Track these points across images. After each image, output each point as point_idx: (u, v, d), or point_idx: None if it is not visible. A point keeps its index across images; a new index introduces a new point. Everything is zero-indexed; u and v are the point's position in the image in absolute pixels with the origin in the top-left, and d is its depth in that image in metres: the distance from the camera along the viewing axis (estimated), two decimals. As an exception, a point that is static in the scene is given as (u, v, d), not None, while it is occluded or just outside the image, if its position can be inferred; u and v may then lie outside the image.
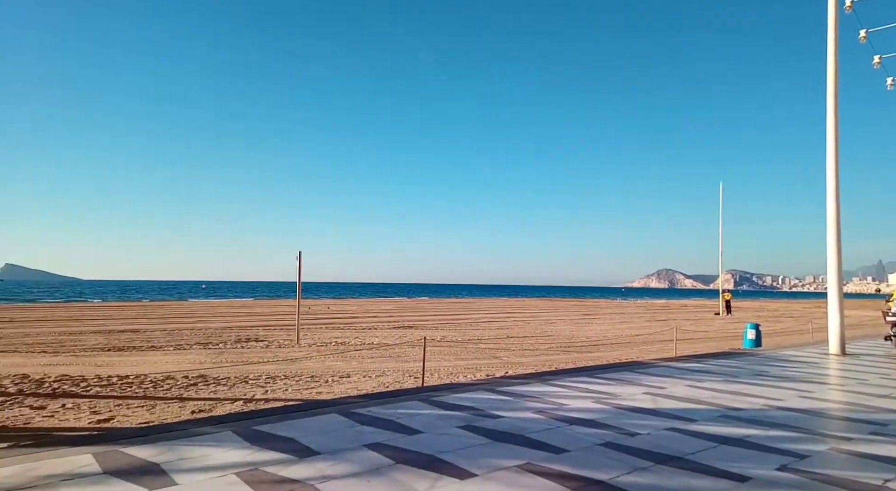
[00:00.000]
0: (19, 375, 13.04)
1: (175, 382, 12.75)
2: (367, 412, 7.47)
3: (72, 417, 9.54)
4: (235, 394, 11.62)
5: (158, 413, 9.95)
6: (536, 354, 18.45)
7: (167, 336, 22.76)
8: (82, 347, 18.77)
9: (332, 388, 12.33)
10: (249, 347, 19.69)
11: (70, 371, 13.83)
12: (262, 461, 5.29)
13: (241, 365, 15.43)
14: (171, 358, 16.66)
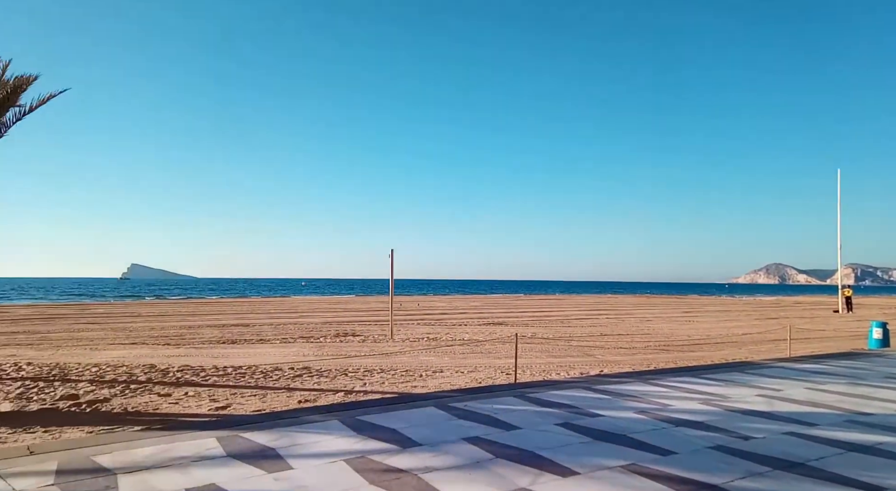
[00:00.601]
0: (148, 365, 14.42)
1: (283, 373, 13.55)
2: (464, 406, 7.55)
3: (194, 404, 10.42)
4: (336, 385, 12.16)
5: (269, 402, 10.63)
6: (633, 353, 17.80)
7: (274, 330, 24.26)
8: (200, 340, 20.44)
9: (426, 382, 12.60)
10: (347, 341, 20.54)
11: (190, 362, 15.09)
12: (367, 450, 5.51)
13: (340, 358, 16.14)
14: (277, 350, 17.74)
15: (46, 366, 14.13)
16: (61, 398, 10.70)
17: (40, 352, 16.70)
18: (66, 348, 17.72)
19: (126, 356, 15.98)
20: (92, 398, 10.69)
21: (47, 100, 10.34)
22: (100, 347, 18.31)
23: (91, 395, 10.99)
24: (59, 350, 17.26)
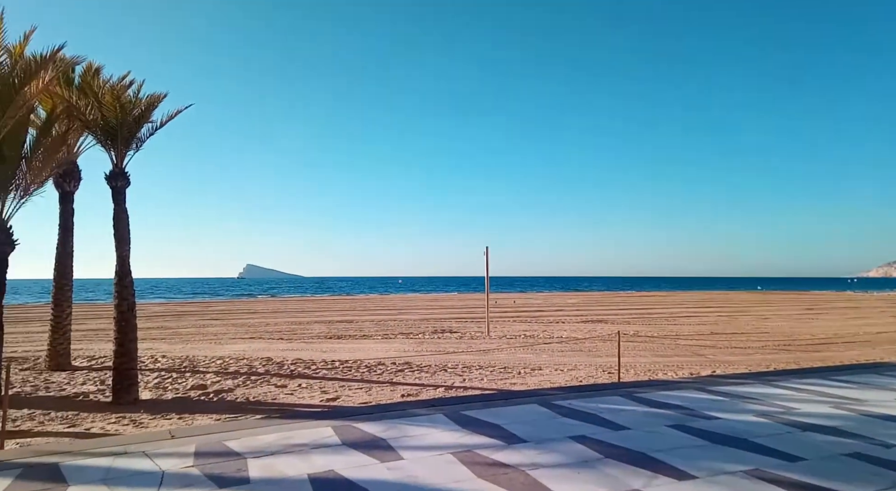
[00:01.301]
0: (265, 359, 15.50)
1: (385, 367, 14.06)
2: (568, 405, 7.43)
3: (307, 396, 11.08)
4: (437, 381, 12.43)
5: (375, 395, 11.07)
6: (749, 353, 16.62)
7: (375, 326, 25.21)
8: (309, 335, 21.67)
9: (524, 379, 12.54)
10: (445, 337, 20.89)
11: (302, 355, 16.05)
12: (473, 444, 5.58)
13: (439, 354, 16.46)
14: (380, 346, 18.41)
15: (178, 358, 15.62)
16: (192, 388, 11.79)
17: (172, 346, 18.48)
18: (194, 342, 19.46)
19: (246, 350, 17.30)
20: (218, 388, 11.69)
21: (175, 115, 11.39)
22: (223, 341, 19.95)
23: (217, 385, 12.01)
24: (188, 344, 19.00)
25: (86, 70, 10.98)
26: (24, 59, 7.67)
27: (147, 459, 5.05)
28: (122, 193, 11.06)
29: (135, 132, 10.97)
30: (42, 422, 9.06)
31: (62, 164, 12.79)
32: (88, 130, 11.36)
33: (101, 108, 10.56)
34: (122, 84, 11.05)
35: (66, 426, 8.75)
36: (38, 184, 11.33)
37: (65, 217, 14.60)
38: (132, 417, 9.24)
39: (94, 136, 11.22)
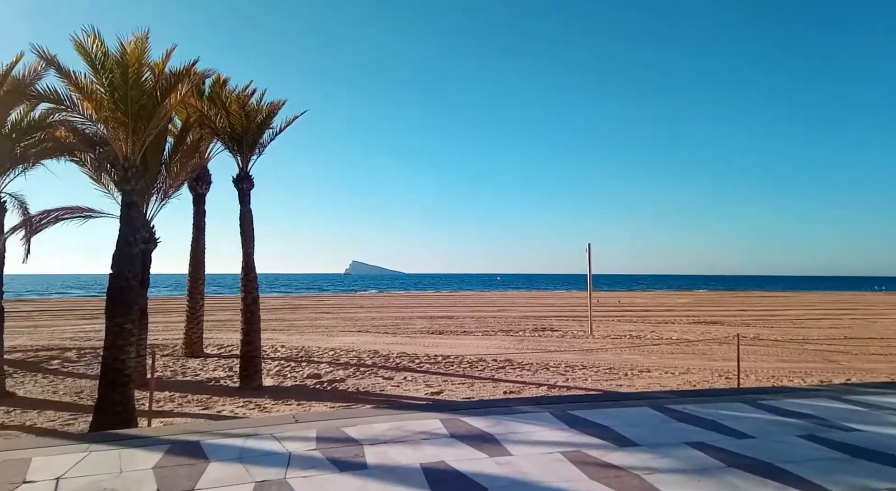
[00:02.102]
0: (372, 351, 16.16)
1: (486, 364, 14.14)
2: (683, 409, 7.05)
3: (412, 388, 11.42)
4: (539, 379, 12.30)
5: (477, 390, 11.18)
6: (890, 360, 14.86)
7: (476, 323, 25.42)
8: (413, 330, 22.28)
9: (632, 381, 12.07)
10: (546, 336, 20.61)
11: (406, 350, 16.55)
12: (582, 444, 5.47)
13: (540, 352, 16.28)
14: (480, 342, 18.54)
15: (295, 349, 16.70)
16: (308, 377, 12.56)
17: (289, 337, 19.78)
18: (308, 334, 20.71)
19: (355, 342, 18.14)
20: (331, 378, 12.36)
21: (292, 121, 12.19)
22: (333, 333, 21.05)
23: (330, 375, 12.71)
24: (303, 335, 20.25)
25: (214, 81, 12.00)
26: (165, 74, 8.52)
27: (275, 441, 5.46)
28: (247, 195, 12.01)
29: (258, 138, 11.87)
30: (181, 403, 10.07)
31: (195, 169, 14.11)
32: (217, 137, 12.45)
33: (228, 117, 11.53)
34: (246, 93, 11.98)
35: (201, 408, 9.67)
36: (176, 187, 12.60)
37: (197, 217, 16.10)
38: (257, 401, 10.02)
39: (223, 142, 12.28)
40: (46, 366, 13.72)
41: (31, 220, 11.96)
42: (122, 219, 8.14)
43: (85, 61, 7.86)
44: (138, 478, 4.42)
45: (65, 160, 11.34)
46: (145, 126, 8.16)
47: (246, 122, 11.64)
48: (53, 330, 21.68)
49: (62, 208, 11.99)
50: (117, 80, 7.76)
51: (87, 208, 11.97)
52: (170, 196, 12.39)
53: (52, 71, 8.04)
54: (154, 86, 8.24)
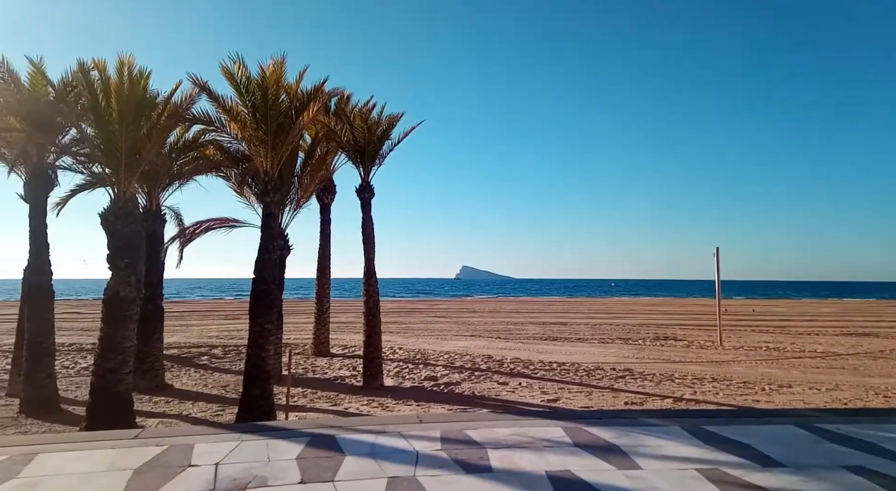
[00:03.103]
0: (485, 356, 16.26)
1: (604, 372, 13.67)
2: (836, 430, 6.35)
3: (528, 395, 11.33)
4: (663, 391, 11.67)
5: (595, 400, 10.85)
6: None
7: (591, 330, 24.69)
8: (525, 336, 22.12)
9: (770, 396, 11.08)
10: (668, 345, 19.52)
11: (520, 355, 16.46)
12: (720, 462, 5.11)
13: (662, 362, 15.44)
14: (596, 350, 17.97)
15: (412, 351, 17.26)
16: (425, 379, 12.92)
17: (406, 339, 20.47)
18: (423, 337, 21.30)
19: (468, 347, 18.37)
20: (447, 381, 12.62)
21: (410, 132, 12.68)
22: (447, 337, 21.47)
23: (446, 378, 12.98)
24: (419, 338, 20.86)
25: (339, 98, 12.80)
26: (298, 94, 9.24)
27: (402, 439, 5.68)
28: (368, 203, 12.66)
29: (378, 149, 12.47)
30: (312, 399, 10.80)
31: (323, 181, 15.12)
32: (342, 150, 13.25)
33: (352, 130, 12.25)
34: (368, 107, 12.66)
35: (330, 405, 10.30)
36: (306, 198, 13.58)
37: (324, 225, 17.22)
38: (380, 400, 10.48)
39: (347, 154, 13.05)
40: (197, 361, 15.33)
41: (186, 230, 13.48)
42: (262, 228, 8.93)
43: (231, 85, 8.73)
44: (284, 467, 4.81)
45: (213, 176, 12.69)
46: (282, 143, 8.89)
47: (367, 135, 12.29)
48: (202, 329, 24.17)
49: (212, 219, 13.41)
50: (258, 102, 8.55)
51: (232, 219, 13.28)
52: (301, 206, 13.39)
53: (203, 96, 9.04)
54: (289, 106, 8.95)
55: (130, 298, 8.15)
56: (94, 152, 8.81)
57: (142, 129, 8.28)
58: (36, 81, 9.43)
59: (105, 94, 8.03)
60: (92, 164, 10.08)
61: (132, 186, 8.71)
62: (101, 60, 8.23)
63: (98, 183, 10.45)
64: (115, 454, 5.13)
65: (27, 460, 4.98)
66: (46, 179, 10.02)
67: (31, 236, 9.93)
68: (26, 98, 9.36)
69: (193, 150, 11.80)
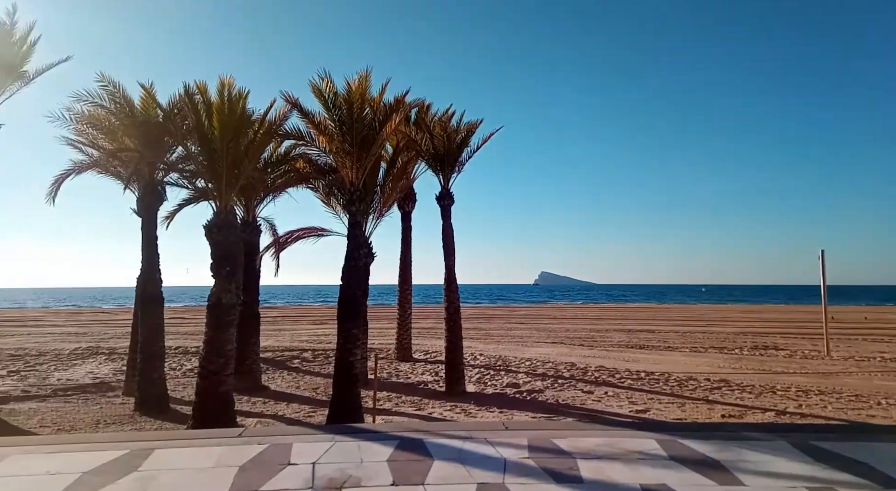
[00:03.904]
0: (568, 363, 15.93)
1: (698, 383, 12.99)
2: (974, 451, 5.69)
3: (614, 404, 10.98)
4: (764, 403, 10.94)
5: (688, 411, 10.32)
6: None
7: (680, 338, 23.55)
8: (609, 343, 21.45)
9: (888, 412, 10.11)
10: (768, 354, 18.25)
11: (604, 363, 15.98)
12: (834, 481, 4.72)
13: (762, 373, 14.47)
14: (688, 359, 17.11)
15: (492, 357, 17.21)
16: (507, 385, 12.83)
17: (486, 345, 20.44)
18: (503, 344, 21.18)
19: (549, 354, 18.07)
20: (530, 388, 12.47)
21: (489, 138, 12.72)
22: (528, 343, 21.23)
23: (528, 385, 12.83)
24: (499, 345, 20.77)
25: (419, 108, 13.07)
26: (381, 106, 9.53)
27: (489, 446, 5.69)
28: (448, 211, 12.80)
29: (457, 157, 12.61)
30: (397, 403, 11.03)
31: (404, 190, 15.46)
32: (422, 158, 13.50)
33: (431, 139, 12.45)
34: (447, 116, 12.83)
35: (414, 409, 10.47)
36: (388, 207, 13.93)
37: (405, 233, 17.60)
38: (463, 406, 10.54)
39: (426, 162, 13.28)
40: (290, 364, 16.09)
41: (279, 239, 14.22)
42: (348, 237, 9.26)
43: (319, 101, 9.15)
44: (375, 469, 4.95)
45: (302, 187, 13.32)
46: (366, 154, 9.20)
47: (447, 143, 12.45)
48: (293, 333, 25.36)
49: (301, 229, 14.07)
50: (345, 116, 8.90)
51: (319, 228, 13.87)
52: (383, 215, 13.77)
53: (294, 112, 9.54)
54: (373, 118, 9.26)
55: (231, 303, 8.70)
56: (199, 168, 9.51)
57: (240, 146, 8.85)
58: (147, 105, 10.34)
59: (207, 114, 8.66)
60: (196, 180, 10.90)
61: (232, 199, 9.33)
62: (203, 83, 8.91)
63: (202, 197, 11.29)
64: (221, 452, 5.49)
65: (145, 455, 5.44)
66: (157, 194, 10.93)
67: (143, 248, 10.84)
68: (139, 120, 10.27)
69: (285, 164, 12.44)
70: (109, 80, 10.10)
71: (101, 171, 11.74)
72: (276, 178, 12.70)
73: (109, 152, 10.95)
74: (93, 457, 5.38)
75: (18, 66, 10.30)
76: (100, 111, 10.46)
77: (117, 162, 11.32)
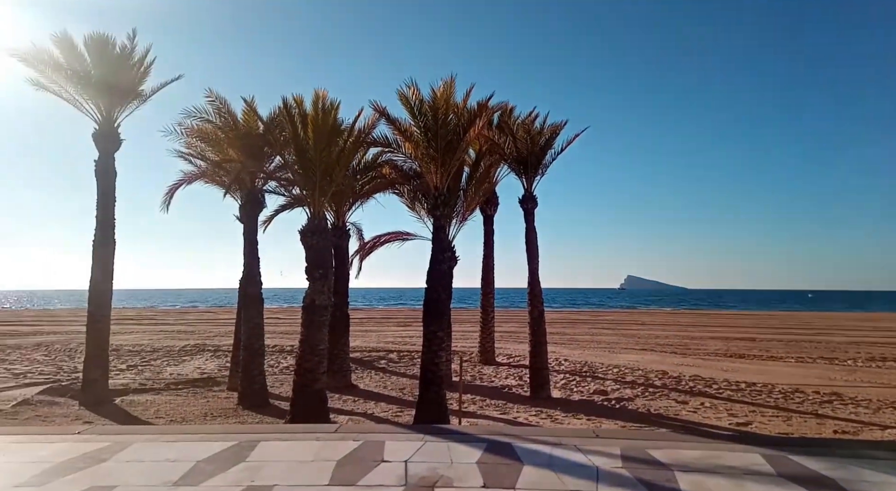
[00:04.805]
0: (660, 372, 15.26)
1: (805, 396, 12.05)
2: None
3: (712, 416, 10.39)
4: (883, 419, 9.98)
5: (795, 426, 9.59)
6: None
7: (785, 347, 21.91)
8: (704, 351, 20.34)
9: None
10: (887, 367, 16.61)
11: (700, 372, 15.17)
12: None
13: (880, 387, 13.18)
14: (793, 370, 15.91)
15: (578, 363, 16.83)
16: (594, 392, 12.49)
17: (571, 351, 20.02)
18: (589, 349, 20.65)
19: (639, 361, 17.40)
20: (618, 396, 12.07)
21: (573, 140, 12.49)
22: (615, 350, 20.58)
23: (617, 393, 12.42)
24: (585, 350, 20.27)
25: (502, 111, 13.06)
26: (465, 111, 9.63)
27: (580, 453, 5.57)
28: (531, 214, 12.70)
29: (541, 159, 12.48)
30: (481, 406, 11.05)
31: (486, 193, 15.49)
32: (504, 162, 13.48)
33: (514, 142, 12.41)
34: (530, 118, 12.75)
35: (499, 413, 10.44)
36: (471, 211, 13.99)
37: (487, 236, 17.62)
38: (548, 412, 10.38)
39: (509, 166, 13.25)
40: (377, 364, 16.58)
41: (366, 244, 14.71)
42: (433, 241, 9.43)
43: (405, 109, 9.40)
44: (465, 470, 5.00)
45: (388, 193, 13.70)
46: (451, 159, 9.33)
47: (530, 146, 12.36)
48: (378, 334, 26.10)
49: (388, 233, 14.48)
50: (430, 122, 9.08)
51: (404, 232, 14.21)
52: (466, 219, 13.85)
53: (381, 120, 9.87)
54: (457, 123, 9.38)
55: (324, 305, 9.10)
56: (294, 176, 10.06)
57: (332, 154, 9.26)
58: (249, 118, 11.07)
59: (303, 125, 9.14)
60: (292, 187, 11.51)
61: (324, 205, 9.77)
62: (299, 96, 9.45)
63: (297, 203, 11.91)
64: (319, 446, 5.77)
65: (252, 446, 5.81)
66: (257, 202, 11.65)
67: (245, 252, 11.58)
68: (242, 133, 11.01)
69: (372, 170, 12.86)
70: (216, 96, 10.91)
71: (208, 180, 12.67)
72: (363, 184, 13.15)
73: (215, 163, 11.81)
74: (205, 447, 5.83)
75: (137, 86, 11.39)
76: (207, 125, 11.31)
77: (222, 172, 12.16)
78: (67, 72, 10.64)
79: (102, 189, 11.07)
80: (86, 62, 10.84)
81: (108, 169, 11.14)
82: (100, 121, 11.14)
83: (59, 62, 10.65)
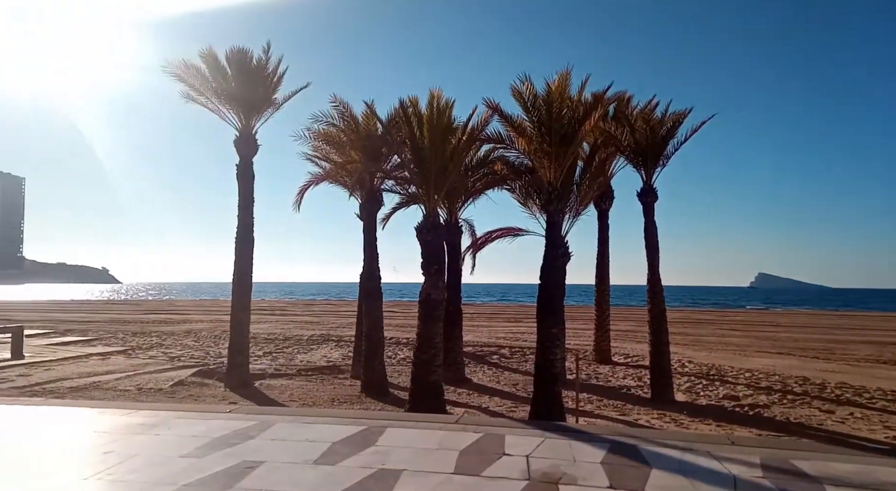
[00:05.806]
0: (800, 378, 13.90)
1: (982, 410, 10.41)
2: None
3: (864, 427, 9.30)
4: None
5: (973, 444, 8.31)
6: None
7: (953, 354, 19.07)
8: (852, 357, 18.24)
9: None
10: None
11: (848, 380, 13.63)
12: None
13: None
14: (968, 382, 13.79)
15: (704, 365, 15.78)
16: (724, 397, 11.64)
17: (696, 352, 18.82)
18: (716, 351, 19.29)
19: (775, 365, 15.97)
20: (752, 402, 11.16)
21: (699, 128, 11.71)
22: (747, 353, 19.05)
23: (750, 399, 11.49)
24: (711, 352, 18.97)
25: (619, 101, 12.57)
26: (581, 104, 9.39)
27: (713, 460, 5.25)
28: (651, 208, 12.09)
29: (661, 150, 11.84)
30: (598, 406, 10.74)
31: (601, 187, 15.01)
32: (621, 154, 12.97)
33: (632, 133, 11.88)
34: (649, 107, 12.14)
35: (618, 414, 10.08)
36: (585, 205, 13.62)
37: (602, 232, 17.06)
38: (672, 415, 9.85)
39: (626, 158, 12.71)
40: (489, 359, 16.69)
41: (478, 240, 14.86)
42: (546, 237, 9.30)
43: (518, 104, 9.34)
44: (590, 470, 4.91)
45: (499, 189, 13.73)
46: (565, 153, 9.15)
47: (650, 136, 11.76)
48: (489, 330, 26.27)
49: (499, 229, 14.52)
50: (543, 116, 8.96)
51: (516, 228, 14.17)
52: (580, 214, 13.49)
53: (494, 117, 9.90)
54: (571, 117, 9.17)
55: (439, 300, 9.34)
56: (410, 175, 10.40)
57: (446, 152, 9.46)
58: (369, 120, 11.62)
59: (418, 125, 9.43)
60: (408, 186, 11.91)
61: (438, 203, 10.01)
62: (415, 97, 9.77)
63: (412, 201, 12.31)
64: (442, 435, 5.95)
65: (380, 432, 6.13)
66: (376, 200, 12.20)
67: (365, 248, 12.17)
68: (363, 134, 11.58)
69: (484, 167, 12.95)
70: (340, 101, 11.57)
71: (332, 181, 13.46)
72: (475, 181, 13.28)
73: (339, 165, 12.53)
74: (339, 430, 6.25)
75: (271, 95, 12.37)
76: (332, 129, 12.03)
77: (344, 172, 12.88)
78: (212, 85, 11.81)
79: (243, 191, 12.17)
80: (228, 75, 11.96)
81: (248, 172, 12.22)
82: (240, 128, 12.25)
83: (206, 76, 11.85)
